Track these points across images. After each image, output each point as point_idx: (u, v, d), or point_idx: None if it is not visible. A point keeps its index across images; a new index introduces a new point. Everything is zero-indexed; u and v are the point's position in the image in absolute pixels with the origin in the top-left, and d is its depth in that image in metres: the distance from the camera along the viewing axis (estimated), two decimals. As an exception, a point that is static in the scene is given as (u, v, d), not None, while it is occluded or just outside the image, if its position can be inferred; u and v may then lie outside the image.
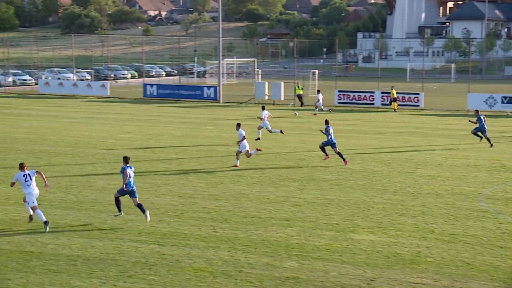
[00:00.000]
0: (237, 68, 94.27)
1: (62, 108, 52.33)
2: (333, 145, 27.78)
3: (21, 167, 17.76)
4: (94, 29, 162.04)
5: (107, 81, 69.97)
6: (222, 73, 68.02)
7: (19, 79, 76.95)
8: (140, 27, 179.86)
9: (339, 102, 56.17)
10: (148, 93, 62.72)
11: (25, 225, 18.07)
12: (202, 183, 24.10)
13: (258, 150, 28.16)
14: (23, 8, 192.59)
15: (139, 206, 18.21)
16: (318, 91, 51.11)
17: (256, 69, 73.12)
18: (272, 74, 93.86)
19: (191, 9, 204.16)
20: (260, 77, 75.27)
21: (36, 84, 72.41)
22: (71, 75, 77.65)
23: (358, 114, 50.63)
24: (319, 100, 50.12)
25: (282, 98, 57.83)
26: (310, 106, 55.67)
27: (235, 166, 27.23)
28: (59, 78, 74.88)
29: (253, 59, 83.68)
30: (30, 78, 77.57)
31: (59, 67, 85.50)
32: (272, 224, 18.62)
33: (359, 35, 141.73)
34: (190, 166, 27.47)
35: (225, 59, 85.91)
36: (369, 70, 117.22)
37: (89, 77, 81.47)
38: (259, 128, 35.24)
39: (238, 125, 27.49)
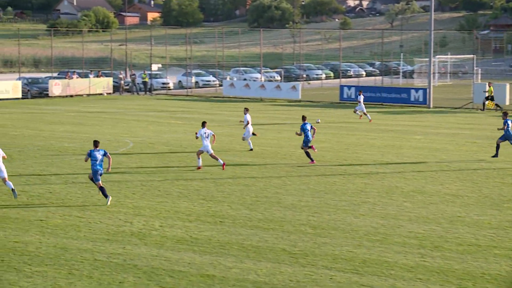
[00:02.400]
0: (452, 66, 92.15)
1: (252, 113, 53.76)
2: (308, 142, 30.98)
3: None
4: (285, 23, 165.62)
5: (298, 82, 71.16)
6: (433, 73, 66.85)
7: (202, 80, 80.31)
8: (337, 20, 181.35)
9: None
10: (345, 96, 63.02)
11: (207, 245, 18.75)
12: (408, 203, 23.76)
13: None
14: (209, 1, 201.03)
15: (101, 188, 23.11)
16: (360, 91, 49.40)
17: (475, 68, 71.06)
18: (495, 73, 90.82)
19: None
20: (480, 77, 73.08)
21: (220, 85, 75.15)
22: (258, 75, 79.79)
23: None
24: (360, 102, 48.01)
25: (507, 103, 55.68)
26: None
27: (198, 168, 29.34)
28: (245, 79, 77.24)
29: (471, 55, 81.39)
30: (213, 79, 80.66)
31: (245, 67, 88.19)
32: (494, 255, 17.94)
33: None
34: (394, 182, 27.19)
35: (437, 56, 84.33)
36: None
37: (279, 78, 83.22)
38: (245, 138, 34.88)
39: (203, 123, 29.54)
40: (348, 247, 18.59)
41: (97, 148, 23.24)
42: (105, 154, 23.25)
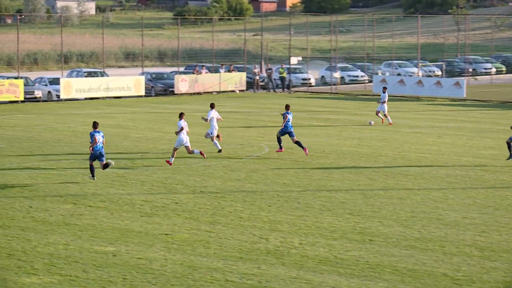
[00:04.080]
0: None
1: (402, 114, 53.46)
2: (290, 133, 34.59)
3: None
4: (447, 8, 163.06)
5: (463, 78, 70.02)
6: None
7: (348, 75, 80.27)
8: (510, 4, 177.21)
9: None
10: (519, 94, 61.57)
11: (354, 266, 18.74)
12: None
13: (201, 153, 32.89)
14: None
15: (104, 166, 27.92)
16: (384, 89, 47.10)
17: None
18: None
19: None
20: None
21: (370, 81, 74.88)
22: (415, 69, 79.07)
23: None
24: (384, 101, 46.03)
25: None
26: None
27: (168, 163, 31.73)
28: (399, 74, 76.65)
29: None
30: (362, 74, 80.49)
31: (400, 59, 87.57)
32: None
33: None
34: None
35: None
36: None
37: (439, 73, 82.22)
38: (207, 136, 35.82)
39: (181, 114, 32.33)
40: (523, 275, 18.19)
41: (97, 130, 27.83)
42: (103, 136, 28.23)
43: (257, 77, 73.31)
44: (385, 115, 46.56)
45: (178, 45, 76.21)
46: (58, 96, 61.20)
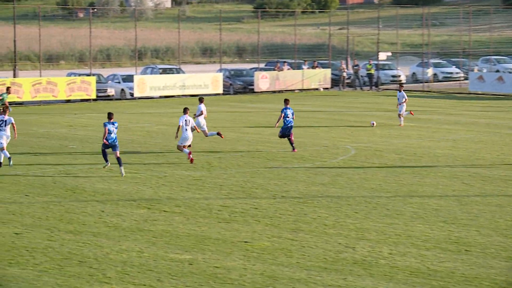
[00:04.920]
0: None
1: (501, 114, 52.82)
2: (286, 129, 35.33)
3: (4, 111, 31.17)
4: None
5: None
6: None
7: (442, 72, 79.57)
8: None
9: None
10: None
11: (449, 279, 18.51)
12: None
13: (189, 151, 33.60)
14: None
15: (118, 159, 29.92)
16: (401, 85, 46.98)
17: None
18: None
19: None
20: None
21: (466, 78, 74.10)
22: (516, 66, 78.04)
23: None
24: (404, 100, 45.52)
25: None
26: None
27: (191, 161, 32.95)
28: (498, 71, 75.66)
29: None
30: (457, 70, 79.71)
31: (498, 55, 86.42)
32: None
33: None
34: None
35: None
36: None
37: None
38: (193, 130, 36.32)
39: (185, 109, 33.57)
40: None
41: (111, 121, 30.19)
42: (117, 128, 30.58)
43: (344, 74, 73.04)
44: (399, 115, 46.13)
45: (258, 40, 76.42)
46: (131, 94, 61.93)
